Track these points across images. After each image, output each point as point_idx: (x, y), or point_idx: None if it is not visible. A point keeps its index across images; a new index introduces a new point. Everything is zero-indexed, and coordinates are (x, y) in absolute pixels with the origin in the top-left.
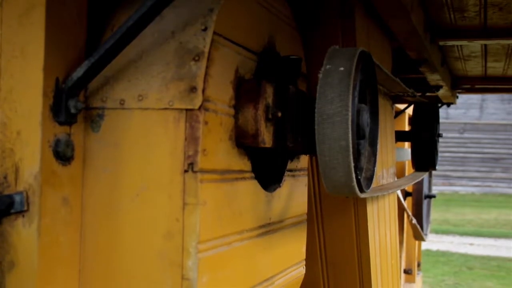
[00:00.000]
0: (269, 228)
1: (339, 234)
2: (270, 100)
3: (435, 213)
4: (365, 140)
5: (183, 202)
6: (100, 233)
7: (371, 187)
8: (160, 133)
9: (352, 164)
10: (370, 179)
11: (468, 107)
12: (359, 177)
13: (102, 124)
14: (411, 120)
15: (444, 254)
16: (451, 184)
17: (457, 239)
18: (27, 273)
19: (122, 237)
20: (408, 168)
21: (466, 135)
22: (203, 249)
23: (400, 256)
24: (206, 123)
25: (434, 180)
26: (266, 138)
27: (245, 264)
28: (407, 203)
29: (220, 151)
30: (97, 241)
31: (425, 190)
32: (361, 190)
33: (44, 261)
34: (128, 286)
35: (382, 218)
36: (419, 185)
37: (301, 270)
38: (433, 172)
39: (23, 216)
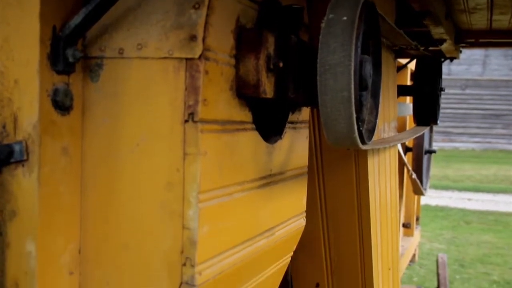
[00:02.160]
0: (270, 179)
1: (339, 187)
2: (271, 50)
3: (435, 169)
4: (367, 91)
5: (183, 152)
6: (100, 183)
7: (372, 139)
8: (160, 83)
9: (354, 115)
10: (371, 131)
11: (471, 63)
12: (361, 128)
13: (101, 73)
14: (414, 74)
15: (442, 209)
16: (451, 141)
17: (455, 194)
18: (28, 222)
19: (122, 188)
20: (410, 123)
21: (468, 91)
22: (203, 199)
23: (400, 210)
24: (206, 72)
25: (434, 137)
26: (267, 88)
27: (245, 214)
28: (407, 158)
29: (220, 102)
30: (97, 191)
31: (426, 145)
32: (363, 142)
33: (45, 210)
34: (129, 235)
35: (382, 172)
36: (419, 140)
37: (301, 222)
38: (434, 129)
39: (23, 165)
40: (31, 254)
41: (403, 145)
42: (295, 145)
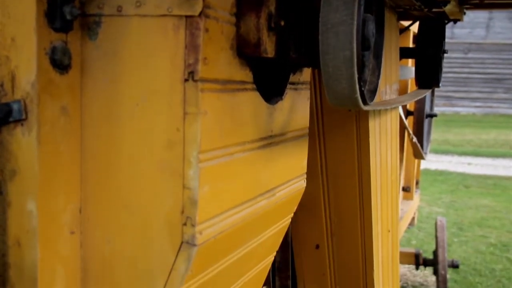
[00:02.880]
0: (271, 140)
1: (340, 149)
2: (272, 8)
3: (435, 134)
4: (369, 51)
5: (183, 112)
6: (100, 143)
7: (374, 100)
8: (159, 41)
9: (356, 75)
10: (373, 92)
11: (474, 26)
12: (363, 89)
13: (100, 31)
14: (417, 36)
15: (442, 173)
16: (452, 105)
17: (455, 158)
18: (28, 182)
19: (122, 147)
20: (411, 87)
21: (470, 55)
22: (204, 159)
23: (399, 174)
24: (206, 30)
25: (435, 101)
26: (268, 47)
27: (246, 175)
28: (408, 122)
29: (221, 61)
30: (98, 151)
31: (427, 109)
32: (364, 103)
33: (45, 169)
34: (129, 195)
35: (383, 134)
36: (421, 104)
37: (302, 183)
38: (435, 93)
39: (22, 124)
40: (32, 213)
41: (404, 109)
42: (296, 106)
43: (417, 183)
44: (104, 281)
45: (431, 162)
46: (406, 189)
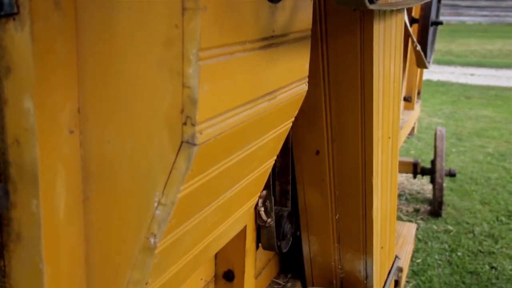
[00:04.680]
0: (272, 41)
1: (343, 53)
2: None
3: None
4: None
5: (182, 7)
6: (97, 41)
7: (379, 0)
8: None
9: None
10: None
11: None
12: None
13: None
14: None
15: (444, 84)
16: (458, 14)
17: (458, 69)
18: (24, 78)
19: (119, 45)
20: None
21: None
22: (204, 57)
23: (402, 84)
24: None
25: (441, 10)
26: None
27: (247, 76)
28: (412, 30)
29: None
30: (94, 50)
31: (433, 17)
32: (370, 1)
33: (40, 67)
34: (127, 95)
35: (388, 39)
36: (426, 11)
37: (303, 87)
38: (442, 1)
39: (14, 19)
40: (30, 111)
41: (409, 16)
42: (299, 6)
43: (418, 93)
44: (105, 181)
45: (434, 73)
46: (407, 99)
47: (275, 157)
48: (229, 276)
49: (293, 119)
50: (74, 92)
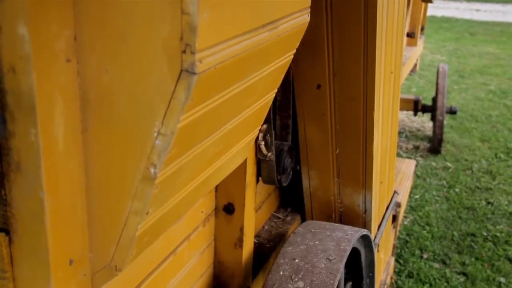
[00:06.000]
0: None
1: None
2: None
3: None
4: None
5: None
6: None
7: None
8: None
9: None
10: None
11: None
12: None
13: None
14: None
15: (448, 20)
16: None
17: (463, 5)
18: (17, 4)
19: None
20: None
21: None
22: None
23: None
24: None
25: None
26: None
27: (248, 4)
28: None
29: None
30: None
31: None
32: None
33: None
34: (125, 22)
35: None
36: None
37: (305, 18)
38: None
39: None
40: (25, 38)
41: None
42: None
43: (422, 29)
44: (103, 111)
45: (438, 8)
46: (410, 35)
47: (275, 90)
48: (229, 209)
49: (294, 51)
50: (70, 19)
